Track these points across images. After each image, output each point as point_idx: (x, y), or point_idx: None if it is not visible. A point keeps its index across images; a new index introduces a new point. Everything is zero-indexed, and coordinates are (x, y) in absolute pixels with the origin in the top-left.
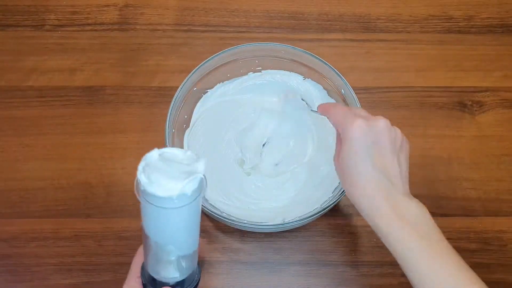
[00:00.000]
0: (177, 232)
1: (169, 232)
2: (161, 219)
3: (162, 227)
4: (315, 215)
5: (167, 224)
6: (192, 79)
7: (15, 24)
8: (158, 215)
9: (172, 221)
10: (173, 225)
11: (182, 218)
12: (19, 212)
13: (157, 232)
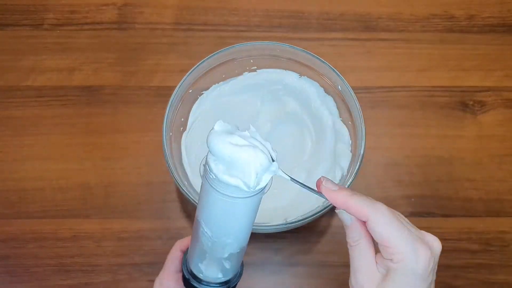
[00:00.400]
0: (238, 224)
1: (230, 224)
2: (226, 209)
3: (224, 218)
4: (317, 214)
5: (231, 215)
6: (187, 80)
7: (13, 24)
8: (224, 204)
9: (237, 212)
10: (236, 216)
11: (247, 209)
12: (18, 213)
13: (217, 223)
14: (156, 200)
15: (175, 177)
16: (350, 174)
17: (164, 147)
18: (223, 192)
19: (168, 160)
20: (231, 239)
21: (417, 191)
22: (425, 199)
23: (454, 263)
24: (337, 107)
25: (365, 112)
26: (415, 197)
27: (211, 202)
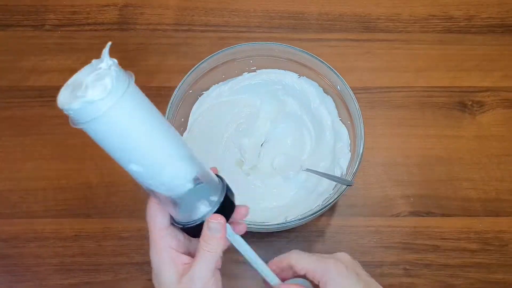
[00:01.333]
0: (137, 146)
1: (130, 149)
2: (111, 135)
3: (121, 146)
4: (317, 212)
5: (121, 139)
6: (187, 81)
7: (15, 24)
8: (104, 132)
9: (121, 133)
10: (125, 137)
11: (127, 125)
12: (19, 212)
13: (122, 155)
14: None
15: None
16: (349, 174)
17: None
18: (84, 121)
19: None
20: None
21: (416, 190)
22: (424, 198)
23: (453, 263)
24: (336, 107)
25: (364, 112)
26: (414, 197)
27: (99, 140)
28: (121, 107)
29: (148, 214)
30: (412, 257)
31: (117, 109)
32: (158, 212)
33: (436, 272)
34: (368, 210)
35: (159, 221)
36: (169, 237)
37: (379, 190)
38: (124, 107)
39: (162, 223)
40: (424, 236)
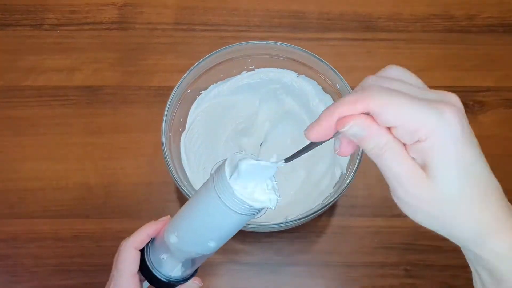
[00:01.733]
0: (224, 233)
1: (218, 231)
2: (223, 219)
3: (214, 226)
4: (317, 211)
5: (223, 225)
6: (186, 80)
7: (14, 24)
8: (222, 215)
9: (230, 224)
10: (227, 226)
11: (238, 224)
12: (18, 213)
13: (204, 228)
14: (156, 200)
15: (175, 177)
16: (349, 173)
17: (163, 148)
18: (230, 207)
19: (168, 161)
20: (215, 243)
21: None
22: None
23: (454, 263)
24: None
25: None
26: None
27: (203, 208)
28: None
29: (121, 259)
30: (414, 257)
31: (250, 217)
32: (132, 258)
33: (437, 273)
34: (369, 211)
35: (132, 267)
36: (138, 283)
37: (380, 190)
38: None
39: (134, 269)
40: (426, 236)
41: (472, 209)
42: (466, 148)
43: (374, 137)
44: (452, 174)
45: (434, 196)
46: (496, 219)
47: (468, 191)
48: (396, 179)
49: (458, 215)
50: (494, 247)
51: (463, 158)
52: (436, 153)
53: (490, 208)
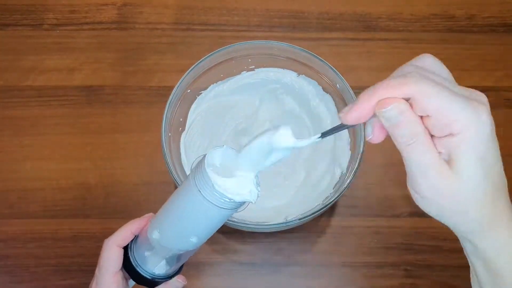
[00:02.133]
0: (206, 228)
1: (200, 226)
2: (204, 214)
3: (195, 221)
4: (318, 212)
5: (204, 219)
6: (186, 80)
7: (13, 23)
8: (203, 209)
9: (211, 218)
10: (209, 221)
11: (219, 218)
12: (17, 213)
13: (186, 223)
14: (156, 200)
15: (175, 177)
16: (349, 173)
17: (163, 148)
18: (212, 201)
19: (167, 161)
20: (197, 238)
21: None
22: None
23: (454, 263)
24: (335, 106)
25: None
26: None
27: (185, 202)
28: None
29: (105, 257)
30: (413, 257)
31: (233, 211)
32: (115, 255)
33: (437, 273)
34: (369, 211)
35: (114, 265)
36: (121, 281)
37: (380, 190)
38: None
39: (116, 267)
40: (425, 236)
41: (484, 204)
42: (492, 148)
43: (409, 124)
44: (478, 172)
45: (455, 191)
46: (500, 213)
47: (485, 188)
48: (421, 170)
49: (471, 209)
50: (494, 239)
51: (488, 158)
52: (466, 149)
53: (497, 204)
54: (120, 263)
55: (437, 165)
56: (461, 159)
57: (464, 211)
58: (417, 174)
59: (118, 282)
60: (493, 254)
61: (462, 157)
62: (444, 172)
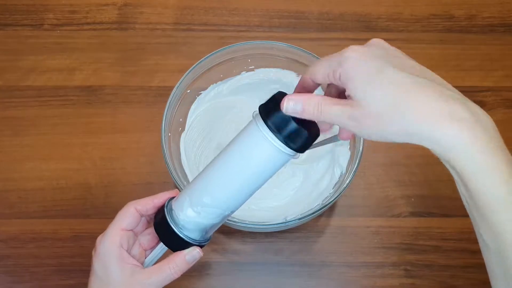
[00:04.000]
0: (263, 177)
1: (260, 176)
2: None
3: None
4: (317, 211)
5: (265, 167)
6: (185, 81)
7: (14, 24)
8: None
9: (273, 165)
10: (269, 168)
11: (279, 163)
12: (17, 213)
13: (245, 177)
14: None
15: (174, 177)
16: (349, 172)
17: (163, 148)
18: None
19: (167, 161)
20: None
21: (417, 191)
22: (425, 199)
23: (454, 263)
24: None
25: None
26: (415, 197)
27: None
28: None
29: (120, 213)
30: (413, 257)
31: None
32: (129, 214)
33: (437, 273)
34: (369, 211)
35: (125, 221)
36: (125, 238)
37: (380, 190)
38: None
39: (126, 224)
40: (425, 236)
41: (407, 107)
42: (367, 63)
43: (309, 101)
44: (366, 87)
45: (366, 112)
46: (438, 110)
47: (387, 93)
48: (342, 116)
49: (396, 117)
50: (443, 138)
51: (368, 71)
52: (348, 81)
53: (427, 102)
54: (130, 222)
55: (347, 105)
56: (350, 88)
57: (390, 122)
58: (342, 121)
59: (123, 237)
60: (452, 155)
61: (350, 87)
62: (354, 107)
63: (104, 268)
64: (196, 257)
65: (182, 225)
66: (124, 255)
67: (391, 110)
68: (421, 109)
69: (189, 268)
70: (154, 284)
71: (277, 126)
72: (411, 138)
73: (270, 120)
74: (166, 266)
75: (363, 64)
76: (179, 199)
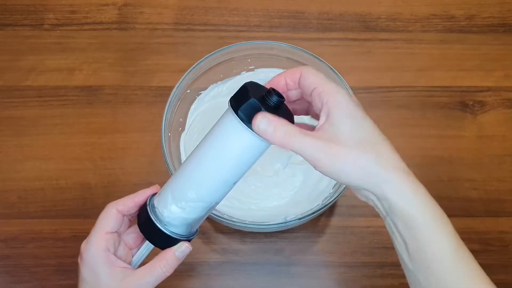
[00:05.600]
0: (247, 163)
1: (244, 163)
2: (248, 148)
3: (239, 158)
4: (317, 211)
5: (248, 154)
6: (185, 81)
7: (14, 24)
8: (247, 143)
9: (255, 151)
10: (252, 155)
11: (260, 150)
12: (17, 213)
13: (228, 166)
14: None
15: None
16: None
17: (163, 148)
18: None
19: (168, 161)
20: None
21: None
22: None
23: None
24: None
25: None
26: None
27: (232, 142)
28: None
29: (101, 216)
30: None
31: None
32: (111, 216)
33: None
34: (369, 211)
35: (108, 225)
36: (111, 241)
37: None
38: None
39: (110, 227)
40: None
41: (367, 153)
42: (358, 111)
43: (280, 125)
44: (348, 122)
45: (335, 144)
46: (386, 161)
47: (358, 136)
48: (312, 148)
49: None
50: (403, 188)
51: (356, 116)
52: (336, 108)
53: (381, 154)
54: (114, 225)
55: (320, 138)
56: (334, 114)
57: (344, 161)
58: (311, 153)
59: (108, 241)
60: (391, 195)
61: (335, 114)
62: (326, 138)
63: (93, 274)
64: (186, 252)
65: (168, 222)
66: (112, 259)
67: (367, 150)
68: (392, 160)
69: (179, 263)
70: (147, 285)
71: (249, 115)
72: (367, 180)
73: (242, 109)
74: (157, 265)
75: (353, 109)
76: (162, 196)
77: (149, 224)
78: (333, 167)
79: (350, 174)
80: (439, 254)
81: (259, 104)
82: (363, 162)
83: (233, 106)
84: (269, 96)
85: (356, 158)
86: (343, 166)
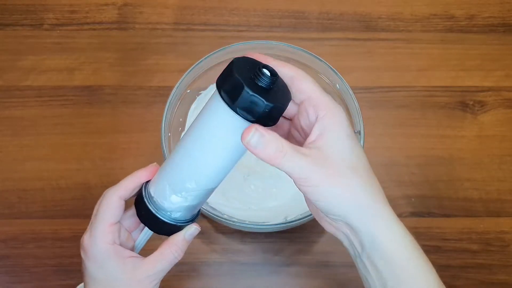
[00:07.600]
0: (237, 152)
1: (238, 147)
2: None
3: (234, 142)
4: None
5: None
6: (185, 80)
7: (13, 23)
8: (241, 125)
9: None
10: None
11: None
12: (17, 213)
13: (226, 152)
14: None
15: None
16: None
17: (163, 148)
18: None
19: None
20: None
21: (417, 191)
22: (425, 199)
23: (454, 263)
24: None
25: (365, 112)
26: (415, 197)
27: (221, 125)
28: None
29: (103, 205)
30: None
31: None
32: (114, 205)
33: (437, 273)
34: None
35: (113, 215)
36: (116, 233)
37: None
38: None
39: (114, 217)
40: (425, 237)
41: (359, 178)
42: (351, 132)
43: (272, 141)
44: (346, 143)
45: (327, 157)
46: (378, 192)
47: (353, 160)
48: (302, 168)
49: (344, 181)
50: (380, 218)
51: (352, 135)
52: (333, 126)
53: (371, 183)
54: (118, 214)
55: (310, 158)
56: (330, 133)
57: (343, 185)
58: (302, 174)
59: (114, 233)
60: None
61: (332, 133)
62: (318, 157)
63: (102, 270)
64: (195, 233)
65: (170, 211)
66: (120, 251)
67: (359, 175)
68: (379, 192)
69: (186, 247)
70: (160, 272)
71: (234, 96)
72: (354, 210)
73: (223, 90)
74: (168, 251)
75: (348, 124)
76: (158, 187)
77: (151, 216)
78: (320, 188)
79: (337, 199)
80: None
81: (243, 83)
82: (355, 189)
83: (219, 86)
84: (260, 74)
85: (347, 184)
86: (332, 189)
